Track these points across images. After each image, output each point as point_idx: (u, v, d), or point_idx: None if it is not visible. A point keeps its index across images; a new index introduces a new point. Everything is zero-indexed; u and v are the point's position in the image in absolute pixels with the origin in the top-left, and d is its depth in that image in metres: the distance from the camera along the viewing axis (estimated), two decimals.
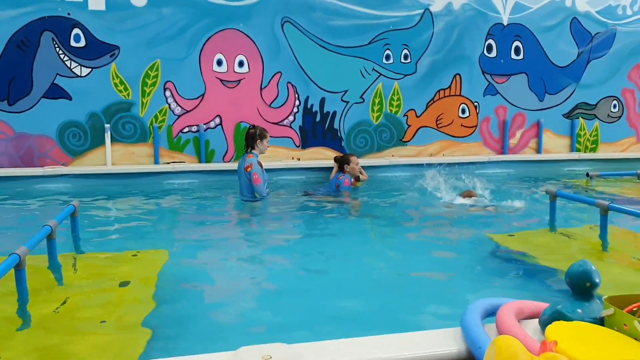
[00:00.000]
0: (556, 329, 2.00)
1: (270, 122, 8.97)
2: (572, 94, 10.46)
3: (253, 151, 6.84)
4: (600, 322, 2.09)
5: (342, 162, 7.77)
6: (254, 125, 6.98)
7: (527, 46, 10.07)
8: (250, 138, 6.85)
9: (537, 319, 2.31)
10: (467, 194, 7.98)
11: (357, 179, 7.87)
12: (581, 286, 2.15)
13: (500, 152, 10.20)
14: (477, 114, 10.01)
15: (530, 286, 3.79)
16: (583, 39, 10.36)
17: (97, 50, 8.30)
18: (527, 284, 3.85)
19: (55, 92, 8.24)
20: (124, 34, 8.36)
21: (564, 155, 10.26)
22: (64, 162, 8.34)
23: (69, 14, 8.14)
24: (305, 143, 9.27)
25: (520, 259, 4.43)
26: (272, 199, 6.96)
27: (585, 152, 10.60)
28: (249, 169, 6.69)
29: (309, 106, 9.20)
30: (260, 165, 6.81)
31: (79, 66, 8.27)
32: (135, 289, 3.63)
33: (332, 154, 9.12)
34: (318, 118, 9.27)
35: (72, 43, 8.20)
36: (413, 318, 3.24)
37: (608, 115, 10.70)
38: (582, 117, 10.57)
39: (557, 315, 2.14)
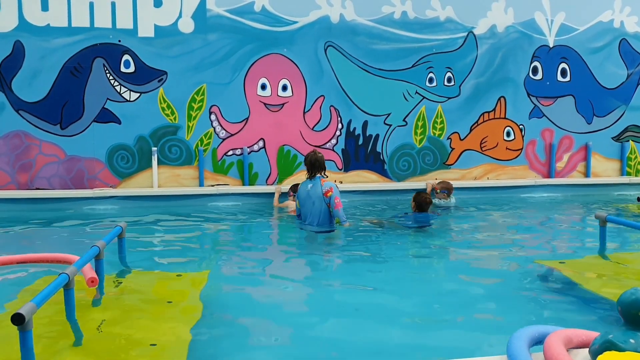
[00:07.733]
0: (608, 359, 1.93)
1: (313, 145, 9.02)
2: (621, 116, 10.19)
3: (325, 174, 6.51)
4: None
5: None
6: (315, 150, 6.66)
7: (573, 68, 9.89)
8: (323, 162, 6.48)
9: (587, 349, 2.24)
10: (445, 186, 8.15)
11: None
12: (633, 315, 2.08)
13: (547, 175, 9.98)
14: (523, 137, 9.85)
15: (579, 314, 3.68)
16: (632, 60, 10.12)
17: (145, 76, 8.55)
18: (576, 312, 3.73)
19: (106, 117, 8.50)
20: (172, 60, 8.60)
21: (614, 179, 9.99)
22: (112, 184, 8.56)
23: (119, 40, 8.43)
24: (347, 166, 9.28)
25: (569, 285, 4.30)
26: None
27: (636, 176, 10.28)
28: (329, 194, 6.28)
29: (351, 129, 9.23)
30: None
31: (129, 91, 8.52)
32: (178, 309, 3.67)
33: (375, 177, 9.12)
34: (360, 141, 9.28)
35: (122, 69, 8.47)
36: (458, 344, 3.18)
37: None
38: (633, 140, 10.28)
39: (608, 345, 2.07)
